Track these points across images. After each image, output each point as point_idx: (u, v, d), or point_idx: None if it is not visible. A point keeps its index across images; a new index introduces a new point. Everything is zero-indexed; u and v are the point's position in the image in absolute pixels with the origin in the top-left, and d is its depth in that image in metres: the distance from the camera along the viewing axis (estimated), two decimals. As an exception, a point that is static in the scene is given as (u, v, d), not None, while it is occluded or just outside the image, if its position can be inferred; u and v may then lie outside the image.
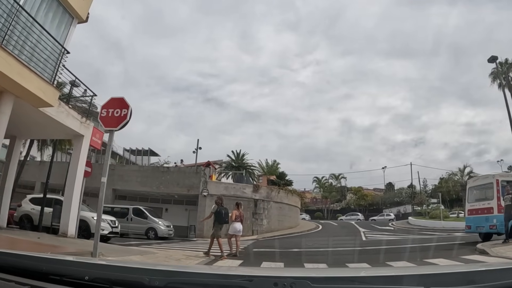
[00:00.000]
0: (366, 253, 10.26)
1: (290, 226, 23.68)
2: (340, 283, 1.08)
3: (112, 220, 12.79)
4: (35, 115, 9.11)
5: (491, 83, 31.66)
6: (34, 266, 1.19)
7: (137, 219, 18.50)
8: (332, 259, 8.70)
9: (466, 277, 1.02)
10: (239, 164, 33.74)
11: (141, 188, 22.83)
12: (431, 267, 1.88)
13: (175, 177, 21.82)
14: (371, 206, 51.61)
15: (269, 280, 1.01)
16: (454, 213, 29.58)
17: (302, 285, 0.96)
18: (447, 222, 23.98)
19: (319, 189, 56.29)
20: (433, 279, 1.05)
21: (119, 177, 23.42)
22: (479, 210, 12.01)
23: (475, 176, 14.56)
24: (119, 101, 6.12)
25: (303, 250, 11.36)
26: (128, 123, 5.94)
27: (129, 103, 6.02)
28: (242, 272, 1.48)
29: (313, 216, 47.99)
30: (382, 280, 1.10)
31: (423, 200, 44.31)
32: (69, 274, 1.15)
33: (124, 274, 1.19)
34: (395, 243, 13.11)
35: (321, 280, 1.08)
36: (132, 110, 5.94)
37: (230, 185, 21.72)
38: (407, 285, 0.98)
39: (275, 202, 22.30)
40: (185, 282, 1.08)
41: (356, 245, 12.43)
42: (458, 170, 31.41)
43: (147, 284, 1.04)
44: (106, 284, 1.08)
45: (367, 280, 1.14)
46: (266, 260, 8.31)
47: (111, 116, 6.00)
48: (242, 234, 20.48)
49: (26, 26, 7.86)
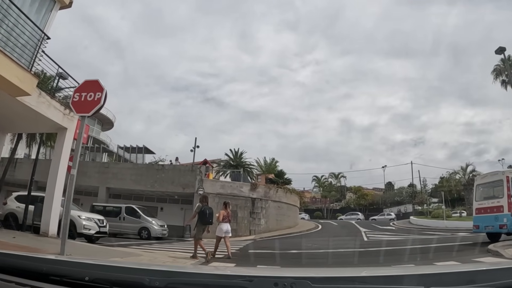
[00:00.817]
0: (368, 254, 9.59)
1: (288, 226, 23.00)
2: (340, 283, 1.08)
3: (99, 219, 12.07)
4: (13, 105, 8.44)
5: (494, 80, 31.06)
6: (34, 266, 1.20)
7: (130, 219, 17.83)
8: (333, 261, 8.06)
9: (466, 276, 1.03)
10: (237, 163, 33.08)
11: (135, 187, 22.14)
12: (431, 267, 1.85)
13: (170, 175, 21.12)
14: (371, 206, 51.03)
15: (269, 280, 1.02)
16: (456, 212, 28.93)
17: (302, 285, 0.97)
18: (450, 221, 23.35)
19: (318, 188, 55.56)
20: (433, 278, 1.05)
21: (113, 176, 22.79)
22: (487, 209, 11.33)
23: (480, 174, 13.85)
24: (93, 84, 5.45)
25: (302, 251, 10.68)
26: (101, 108, 5.26)
27: (104, 86, 5.33)
28: (242, 272, 1.45)
29: (312, 216, 47.45)
30: (382, 280, 1.09)
31: (424, 199, 44.01)
32: (69, 274, 1.15)
33: (124, 274, 1.19)
34: (399, 244, 12.41)
35: (321, 280, 1.08)
36: (107, 93, 5.25)
37: (227, 184, 21.02)
38: (407, 285, 0.98)
39: (273, 201, 21.61)
40: (185, 283, 1.09)
41: (357, 246, 11.76)
42: (460, 169, 30.63)
43: (147, 284, 1.04)
44: (106, 284, 1.08)
45: (367, 280, 1.14)
46: (262, 263, 7.65)
47: (83, 101, 5.33)
48: (239, 234, 20.13)
49: (2, 8, 7.25)
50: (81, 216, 11.50)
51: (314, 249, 12.00)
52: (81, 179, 24.26)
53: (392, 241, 13.72)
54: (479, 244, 10.26)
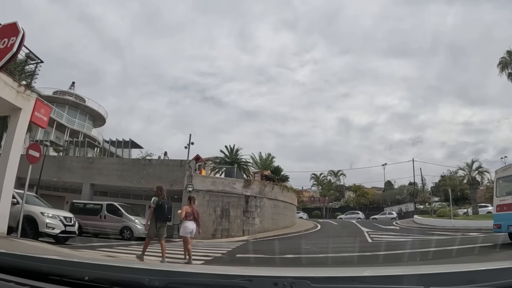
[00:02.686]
0: (376, 259, 8.07)
1: (285, 226, 21.47)
2: (340, 282, 1.08)
3: (66, 217, 10.50)
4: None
5: (500, 73, 29.71)
6: (34, 266, 1.21)
7: (111, 217, 16.30)
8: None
9: (466, 276, 1.02)
10: (233, 160, 31.55)
11: (121, 183, 20.63)
12: (431, 267, 1.32)
13: (157, 170, 19.58)
14: (371, 205, 49.76)
15: (269, 280, 1.02)
16: (462, 210, 27.52)
17: (302, 285, 0.96)
18: (457, 220, 21.88)
19: (317, 186, 54.04)
20: (433, 278, 1.04)
21: (97, 171, 21.32)
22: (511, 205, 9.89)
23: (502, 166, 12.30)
24: (8, 27, 3.92)
25: (301, 256, 9.12)
26: (15, 56, 3.75)
27: (22, 29, 3.80)
28: (242, 272, 1.41)
29: (311, 215, 46.04)
30: (382, 280, 1.10)
31: (426, 198, 42.77)
32: (69, 274, 1.15)
33: (124, 274, 1.19)
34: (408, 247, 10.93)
35: (321, 280, 1.08)
36: (24, 37, 3.73)
37: (218, 180, 19.46)
38: (407, 284, 0.99)
39: (269, 199, 20.07)
40: (185, 282, 1.09)
41: (362, 249, 10.28)
42: (466, 165, 29.15)
43: (147, 284, 1.04)
44: (106, 284, 1.08)
45: (367, 279, 1.14)
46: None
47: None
48: (232, 234, 18.58)
49: None
50: (45, 213, 9.97)
51: (314, 252, 10.51)
52: (65, 176, 22.82)
53: (401, 243, 12.23)
54: (503, 246, 8.85)
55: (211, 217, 18.09)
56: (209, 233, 17.93)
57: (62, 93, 36.77)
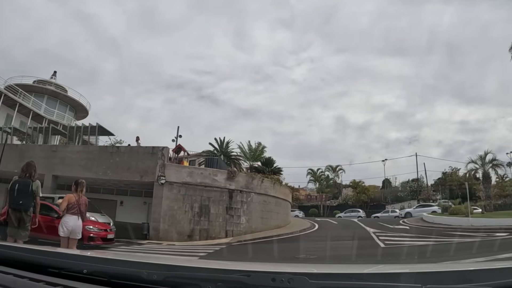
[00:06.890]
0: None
1: (278, 226, 18.46)
2: (337, 279, 1.08)
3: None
4: None
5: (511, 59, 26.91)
6: (32, 259, 1.21)
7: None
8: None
9: (463, 275, 1.02)
10: (223, 153, 28.53)
11: (85, 174, 17.30)
12: (428, 265, 1.57)
13: (126, 159, 16.49)
14: (372, 202, 47.09)
15: (267, 275, 1.02)
16: (477, 208, 24.70)
17: (299, 280, 0.96)
18: (474, 219, 19.05)
19: (314, 182, 51.09)
20: (431, 277, 1.04)
21: (60, 161, 18.15)
22: None
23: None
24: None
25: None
26: None
27: None
28: (241, 267, 1.40)
29: (307, 213, 43.25)
30: (380, 277, 1.10)
31: (430, 195, 40.25)
32: (68, 267, 1.15)
33: (122, 267, 1.19)
34: (441, 253, 8.02)
35: (319, 276, 1.09)
36: None
37: (196, 170, 16.33)
38: (405, 283, 0.98)
39: (258, 193, 17.02)
40: (184, 277, 1.08)
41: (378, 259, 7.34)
42: (479, 158, 26.25)
43: (146, 278, 1.04)
44: (104, 277, 1.08)
45: (364, 277, 1.14)
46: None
47: None
48: (212, 236, 15.50)
49: None
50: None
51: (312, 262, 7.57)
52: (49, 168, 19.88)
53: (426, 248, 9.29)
54: None
55: (187, 214, 15.05)
56: (184, 234, 14.91)
57: (42, 82, 34.05)
